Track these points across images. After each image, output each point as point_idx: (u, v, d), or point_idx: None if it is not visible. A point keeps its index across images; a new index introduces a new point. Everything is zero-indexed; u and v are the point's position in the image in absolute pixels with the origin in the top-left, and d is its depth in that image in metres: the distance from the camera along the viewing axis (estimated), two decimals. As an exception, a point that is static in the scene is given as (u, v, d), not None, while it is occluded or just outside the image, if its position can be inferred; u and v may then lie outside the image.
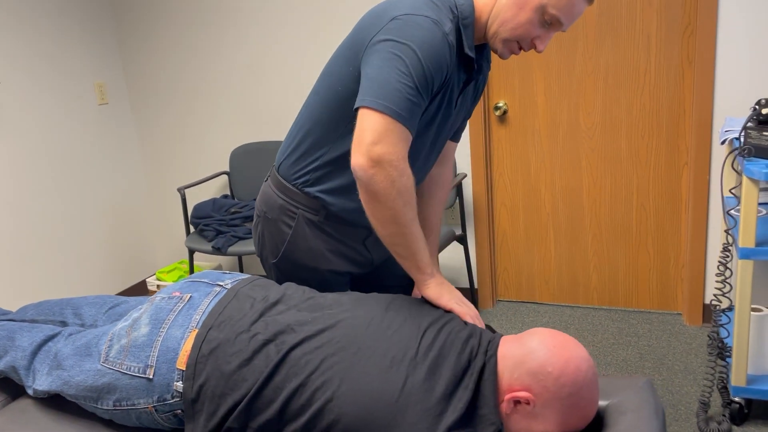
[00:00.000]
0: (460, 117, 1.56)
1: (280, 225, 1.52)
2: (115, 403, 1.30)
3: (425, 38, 1.25)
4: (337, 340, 1.21)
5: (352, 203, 1.47)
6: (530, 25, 1.33)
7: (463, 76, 1.41)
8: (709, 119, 2.58)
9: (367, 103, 1.24)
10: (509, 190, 3.05)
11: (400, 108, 1.23)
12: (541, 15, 1.31)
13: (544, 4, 1.30)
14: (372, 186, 1.24)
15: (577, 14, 1.33)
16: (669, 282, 2.92)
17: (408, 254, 1.34)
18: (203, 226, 3.04)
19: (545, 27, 1.34)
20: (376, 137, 1.22)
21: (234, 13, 3.21)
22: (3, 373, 1.52)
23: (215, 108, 3.40)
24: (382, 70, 1.24)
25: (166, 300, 1.37)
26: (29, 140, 3.02)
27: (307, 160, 1.47)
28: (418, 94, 1.26)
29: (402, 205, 1.26)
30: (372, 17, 1.34)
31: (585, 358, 1.16)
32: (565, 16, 1.31)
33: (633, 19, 2.67)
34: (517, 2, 1.32)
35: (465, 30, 1.35)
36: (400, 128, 1.24)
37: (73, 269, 3.26)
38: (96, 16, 3.37)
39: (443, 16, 1.30)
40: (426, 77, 1.26)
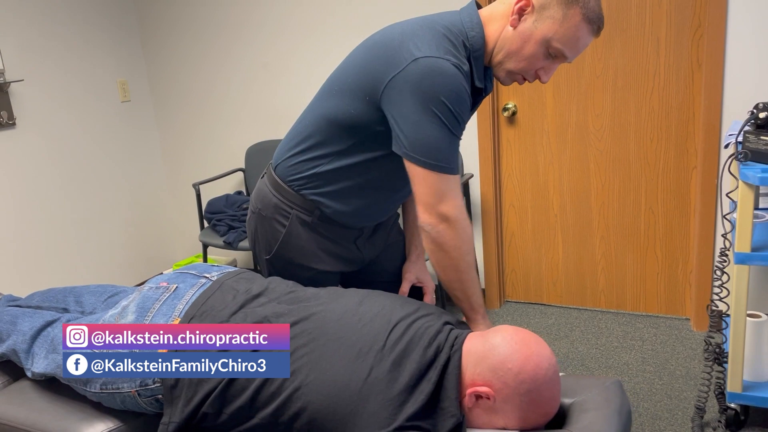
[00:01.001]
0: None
1: (273, 223, 1.57)
2: (101, 386, 1.37)
3: (452, 87, 1.30)
4: (309, 332, 1.25)
5: (347, 207, 1.52)
6: (534, 58, 1.35)
7: (470, 100, 1.45)
8: (717, 122, 2.55)
9: (417, 162, 1.33)
10: (518, 190, 3.06)
11: (448, 162, 1.33)
12: (545, 48, 1.33)
13: (549, 37, 1.32)
14: (439, 239, 1.36)
15: (582, 47, 1.36)
16: (677, 286, 2.90)
17: (464, 297, 1.44)
18: (216, 221, 3.12)
19: (550, 59, 1.36)
20: (439, 197, 1.34)
21: (252, 15, 3.28)
22: (5, 356, 1.60)
23: (232, 106, 3.48)
24: (421, 128, 1.31)
25: (153, 290, 1.43)
26: (53, 135, 3.14)
27: (307, 165, 1.51)
28: (456, 138, 1.35)
29: (464, 255, 1.39)
30: (387, 48, 1.35)
31: (546, 356, 1.18)
32: (570, 50, 1.34)
33: (642, 22, 2.66)
34: (522, 35, 1.34)
35: (476, 62, 1.39)
36: (453, 180, 1.35)
37: (93, 261, 3.37)
38: (120, 15, 3.48)
39: (460, 54, 1.34)
40: (458, 122, 1.34)
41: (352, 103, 1.39)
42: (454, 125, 1.32)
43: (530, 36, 1.33)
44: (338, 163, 1.46)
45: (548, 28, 1.31)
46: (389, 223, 1.73)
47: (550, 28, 1.31)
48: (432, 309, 1.36)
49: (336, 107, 1.43)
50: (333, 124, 1.44)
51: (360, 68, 1.39)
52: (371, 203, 1.53)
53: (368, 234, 1.63)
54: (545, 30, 1.31)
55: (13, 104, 2.92)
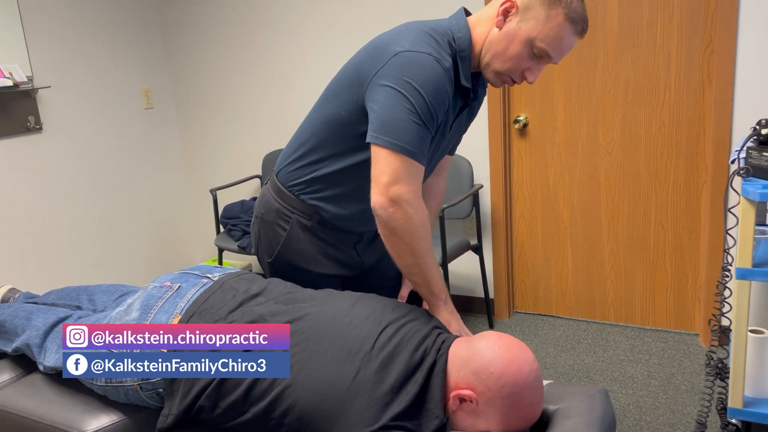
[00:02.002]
0: (456, 136, 1.64)
1: (275, 227, 1.63)
2: (107, 380, 1.43)
3: (428, 77, 1.33)
4: (301, 331, 1.31)
5: (344, 211, 1.57)
6: (520, 58, 1.38)
7: (459, 102, 1.49)
8: (727, 138, 2.56)
9: (381, 142, 1.34)
10: (528, 202, 3.08)
11: (411, 145, 1.34)
12: (530, 48, 1.37)
13: (533, 37, 1.35)
14: (390, 223, 1.36)
15: (566, 47, 1.38)
16: (686, 301, 2.89)
17: (423, 282, 1.45)
18: (231, 226, 3.20)
19: (535, 60, 1.39)
20: (393, 178, 1.33)
21: (270, 28, 3.37)
22: (20, 350, 1.68)
23: (251, 115, 3.57)
24: (390, 110, 1.33)
25: (157, 288, 1.49)
26: (78, 140, 3.25)
27: (306, 170, 1.57)
28: (426, 129, 1.36)
29: (418, 239, 1.38)
30: (374, 49, 1.42)
31: (528, 361, 1.22)
32: (553, 50, 1.37)
33: (653, 37, 2.67)
34: (508, 35, 1.37)
35: (462, 62, 1.42)
36: (414, 165, 1.35)
37: (112, 261, 3.47)
38: (145, 26, 3.60)
39: (443, 51, 1.38)
40: (431, 113, 1.35)
41: (344, 105, 1.45)
42: (425, 114, 1.33)
43: (515, 36, 1.36)
44: (334, 167, 1.51)
45: (532, 28, 1.34)
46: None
47: (533, 28, 1.34)
48: (422, 314, 1.40)
49: (330, 111, 1.49)
50: (327, 128, 1.50)
51: (350, 71, 1.46)
52: (368, 207, 1.58)
53: (368, 240, 1.67)
54: (529, 30, 1.34)
55: (40, 110, 3.03)
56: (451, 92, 1.39)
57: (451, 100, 1.41)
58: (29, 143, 3.01)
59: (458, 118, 1.53)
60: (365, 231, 1.65)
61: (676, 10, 2.61)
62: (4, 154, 2.91)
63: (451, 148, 1.71)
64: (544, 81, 2.90)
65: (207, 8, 3.52)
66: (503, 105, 2.93)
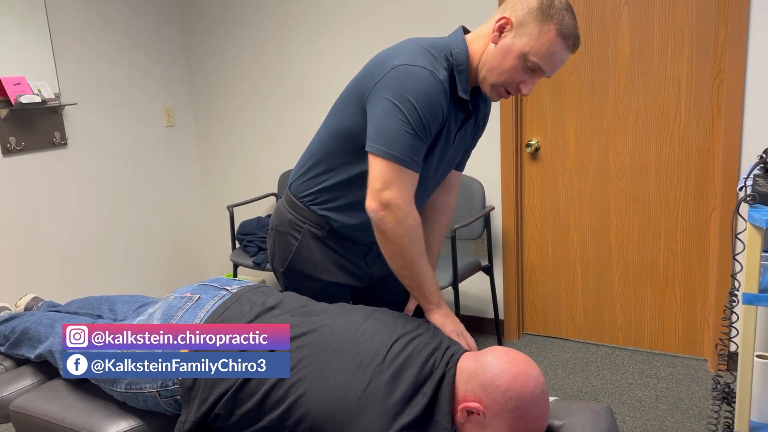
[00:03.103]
0: (461, 150, 1.70)
1: (288, 238, 1.69)
2: (126, 386, 1.48)
3: (421, 89, 1.41)
4: (315, 343, 1.35)
5: (353, 220, 1.63)
6: (514, 72, 1.45)
7: (460, 115, 1.56)
8: (736, 165, 2.59)
9: (375, 150, 1.43)
10: (539, 225, 3.13)
11: (403, 154, 1.41)
12: (523, 62, 1.44)
13: (526, 52, 1.42)
14: (381, 226, 1.44)
15: (559, 62, 1.45)
16: (695, 327, 2.91)
17: (415, 285, 1.51)
18: (246, 242, 3.27)
19: (529, 73, 1.46)
20: (384, 184, 1.42)
21: (291, 52, 3.47)
22: (42, 357, 1.74)
23: (268, 135, 3.65)
24: (384, 120, 1.42)
25: (178, 299, 1.55)
26: (102, 155, 3.34)
27: (316, 181, 1.64)
28: (418, 139, 1.43)
29: (408, 243, 1.45)
30: (375, 64, 1.51)
31: (534, 376, 1.26)
32: (546, 64, 1.43)
33: (664, 66, 2.73)
34: (502, 50, 1.45)
35: (459, 75, 1.49)
36: (405, 172, 1.43)
37: (130, 275, 3.54)
38: (168, 47, 3.71)
39: (438, 64, 1.46)
40: (423, 124, 1.43)
41: (347, 117, 1.54)
42: (417, 124, 1.41)
43: (509, 51, 1.43)
44: (340, 177, 1.58)
45: (525, 44, 1.41)
46: None
47: (527, 44, 1.41)
48: (432, 328, 1.45)
49: (335, 123, 1.58)
50: (334, 140, 1.58)
51: (353, 85, 1.55)
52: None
53: (377, 252, 1.70)
54: (522, 45, 1.41)
55: (66, 126, 3.13)
56: (446, 104, 1.46)
57: (447, 111, 1.48)
58: (55, 158, 3.11)
59: (462, 131, 1.60)
60: (374, 241, 1.68)
61: (686, 39, 2.67)
62: (31, 168, 3.01)
63: (459, 163, 1.76)
64: (556, 106, 2.96)
65: (228, 32, 3.63)
66: (516, 129, 2.99)
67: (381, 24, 3.18)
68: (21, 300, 2.11)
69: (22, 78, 2.86)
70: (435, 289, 1.52)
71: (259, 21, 3.53)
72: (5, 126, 2.86)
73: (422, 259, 1.49)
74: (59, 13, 3.07)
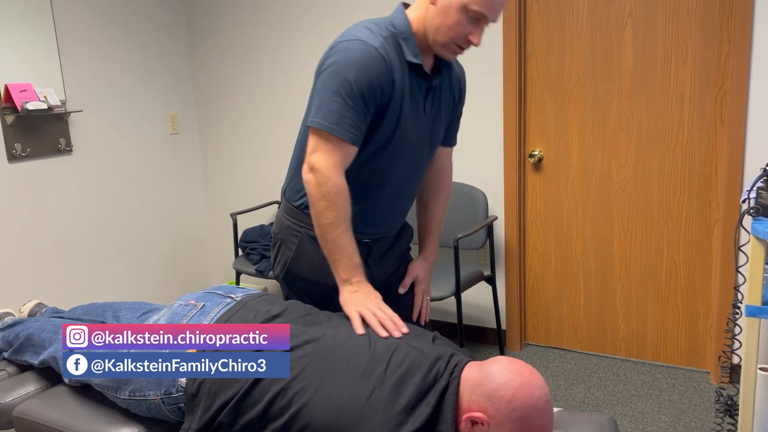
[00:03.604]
0: (440, 121, 1.69)
1: (287, 243, 1.69)
2: (130, 393, 1.48)
3: (352, 59, 1.46)
4: (318, 351, 1.36)
5: None
6: (460, 26, 1.47)
7: (422, 82, 1.57)
8: (739, 178, 2.60)
9: (308, 122, 1.51)
10: (541, 235, 3.13)
11: (329, 122, 1.46)
12: (465, 13, 1.45)
13: (465, 3, 1.44)
14: (307, 188, 1.50)
15: (499, 4, 1.46)
16: (698, 339, 2.90)
17: (328, 255, 1.52)
18: (249, 250, 3.27)
19: (474, 23, 1.47)
20: (312, 149, 1.49)
21: (293, 59, 3.49)
22: (46, 363, 1.74)
23: (272, 143, 3.66)
24: (318, 94, 1.50)
25: (182, 306, 1.56)
26: (106, 162, 3.36)
27: (301, 184, 1.62)
28: (351, 108, 1.46)
29: (323, 208, 1.48)
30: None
31: (539, 386, 1.26)
32: (488, 9, 1.45)
33: (667, 78, 2.74)
34: (442, 9, 1.47)
35: (406, 42, 1.53)
36: (332, 140, 1.47)
37: (134, 281, 3.55)
38: (174, 55, 3.73)
39: (375, 35, 1.49)
40: (356, 92, 1.46)
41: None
42: (348, 93, 1.44)
43: (449, 6, 1.45)
44: None
45: None
46: (399, 248, 1.80)
47: None
48: (434, 336, 1.45)
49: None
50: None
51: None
52: (366, 209, 1.61)
53: (378, 254, 1.71)
54: None
55: (71, 132, 3.15)
56: (385, 70, 1.47)
57: (393, 78, 1.49)
58: (59, 164, 3.12)
59: (432, 100, 1.61)
60: (374, 239, 1.69)
61: (690, 52, 2.69)
62: (36, 174, 3.02)
63: (446, 138, 1.76)
64: (559, 117, 2.98)
65: (234, 41, 3.65)
66: (519, 139, 3.00)
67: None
68: (25, 306, 2.12)
69: (28, 85, 2.88)
70: (347, 265, 1.50)
71: (265, 31, 3.55)
72: (11, 132, 2.87)
73: (337, 230, 1.49)
74: (66, 20, 3.10)
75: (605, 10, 2.81)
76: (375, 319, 1.43)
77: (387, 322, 1.43)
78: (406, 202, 1.75)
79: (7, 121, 2.83)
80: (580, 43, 2.88)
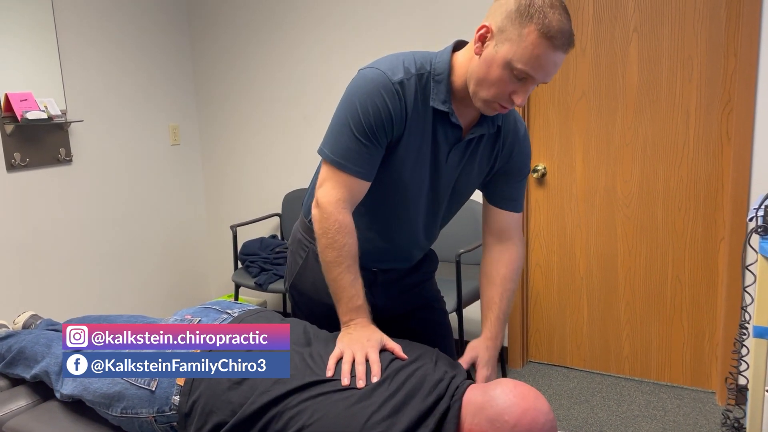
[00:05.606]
0: (473, 175, 1.55)
1: (296, 257, 1.67)
2: (122, 410, 1.45)
3: (365, 88, 1.39)
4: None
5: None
6: (502, 82, 1.32)
7: (450, 132, 1.44)
8: (745, 195, 2.57)
9: (319, 151, 1.46)
10: (544, 251, 3.09)
11: (337, 155, 1.41)
12: (509, 71, 1.31)
13: (509, 59, 1.29)
14: (313, 223, 1.46)
15: (550, 65, 1.30)
16: (703, 358, 2.86)
17: (331, 293, 1.45)
18: (249, 262, 3.23)
19: (519, 82, 1.32)
20: (320, 182, 1.45)
21: (295, 71, 3.47)
22: (38, 377, 1.71)
23: (273, 155, 3.64)
24: (332, 123, 1.45)
25: (178, 322, 1.52)
26: (106, 172, 3.33)
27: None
28: (359, 142, 1.39)
29: (324, 246, 1.43)
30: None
31: (543, 412, 1.21)
32: (534, 70, 1.29)
33: (673, 94, 2.72)
34: (486, 61, 1.33)
35: (437, 85, 1.41)
36: (339, 174, 1.41)
37: (132, 293, 3.51)
38: (176, 65, 3.72)
39: (403, 69, 1.39)
40: (363, 125, 1.38)
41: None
42: (357, 125, 1.38)
43: (493, 60, 1.31)
44: None
45: (507, 50, 1.29)
46: (414, 279, 1.71)
47: (509, 50, 1.28)
48: (436, 357, 1.41)
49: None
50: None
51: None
52: (373, 238, 1.56)
53: (384, 282, 1.64)
54: (505, 53, 1.29)
55: (71, 142, 3.13)
56: (397, 105, 1.38)
57: (407, 117, 1.39)
58: (59, 174, 3.10)
59: (461, 150, 1.48)
60: (381, 269, 1.62)
61: (695, 68, 2.66)
62: (35, 184, 2.99)
63: (505, 200, 1.61)
64: (563, 132, 2.95)
65: (236, 53, 3.64)
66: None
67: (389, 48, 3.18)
68: (19, 317, 2.08)
69: (29, 94, 2.86)
70: (346, 306, 1.42)
71: (267, 42, 3.54)
72: (10, 142, 2.85)
73: (339, 269, 1.41)
74: (68, 30, 3.08)
75: (610, 25, 2.79)
76: (349, 365, 1.32)
77: (359, 367, 1.32)
78: (417, 247, 1.65)
79: (6, 130, 2.81)
80: (585, 57, 2.85)
